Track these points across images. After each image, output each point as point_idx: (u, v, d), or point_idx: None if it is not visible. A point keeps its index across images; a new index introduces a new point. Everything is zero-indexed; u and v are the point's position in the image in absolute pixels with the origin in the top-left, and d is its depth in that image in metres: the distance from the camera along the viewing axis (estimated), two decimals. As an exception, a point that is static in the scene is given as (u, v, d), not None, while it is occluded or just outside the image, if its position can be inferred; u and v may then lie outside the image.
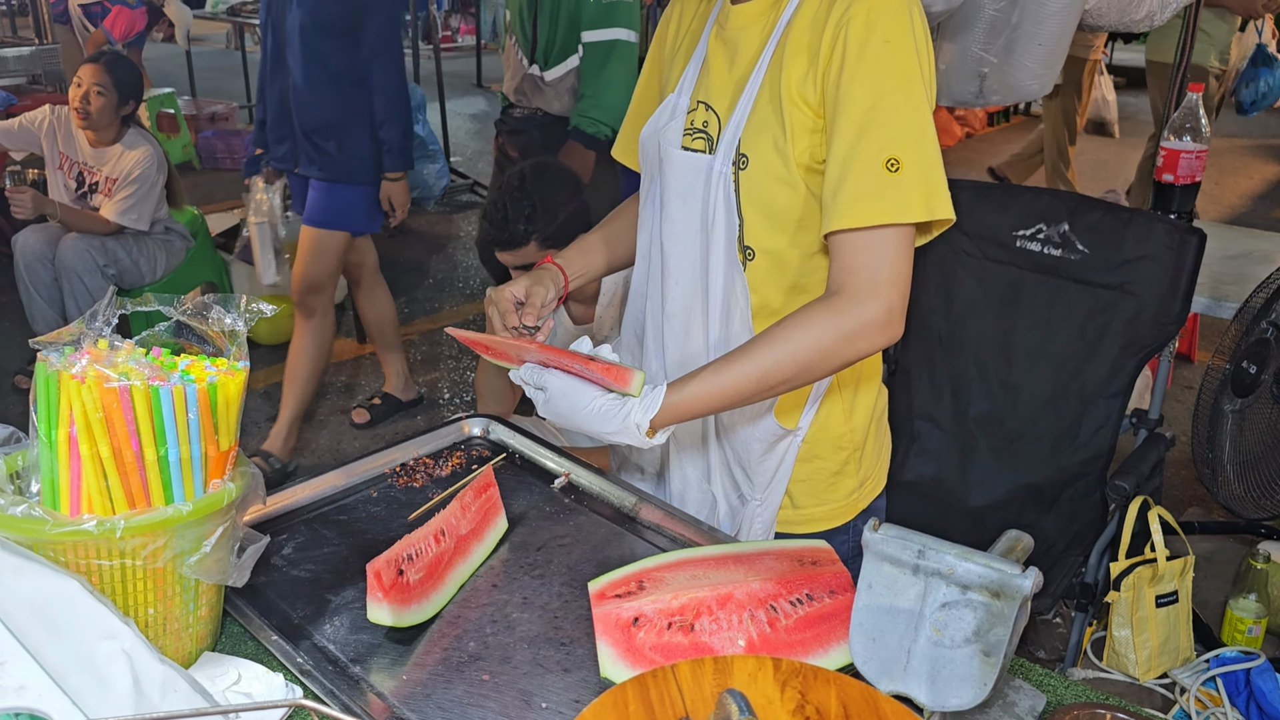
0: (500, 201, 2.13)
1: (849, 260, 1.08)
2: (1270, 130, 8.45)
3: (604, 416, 1.10)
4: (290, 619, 1.15)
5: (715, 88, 1.23)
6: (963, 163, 7.44)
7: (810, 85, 1.12)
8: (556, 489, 1.44)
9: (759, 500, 1.32)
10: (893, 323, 1.08)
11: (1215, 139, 8.16)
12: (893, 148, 1.06)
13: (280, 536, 1.31)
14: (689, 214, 1.25)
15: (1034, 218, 2.39)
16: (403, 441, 1.54)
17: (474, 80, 10.37)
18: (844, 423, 1.31)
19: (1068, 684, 1.08)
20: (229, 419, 1.04)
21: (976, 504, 2.43)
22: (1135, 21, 2.25)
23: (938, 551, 0.83)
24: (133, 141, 3.74)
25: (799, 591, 1.06)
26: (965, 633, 0.81)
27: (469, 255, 5.53)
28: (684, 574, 1.10)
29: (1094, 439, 2.33)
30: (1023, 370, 2.42)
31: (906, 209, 1.06)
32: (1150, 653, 2.02)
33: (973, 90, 2.25)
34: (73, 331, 1.04)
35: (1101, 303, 2.31)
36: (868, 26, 1.07)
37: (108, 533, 0.94)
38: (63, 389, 0.98)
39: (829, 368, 1.11)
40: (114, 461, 0.97)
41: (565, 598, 1.19)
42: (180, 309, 1.08)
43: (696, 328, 1.28)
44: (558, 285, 1.38)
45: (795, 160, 1.14)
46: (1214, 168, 7.20)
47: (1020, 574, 0.80)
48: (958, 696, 0.82)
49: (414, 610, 1.13)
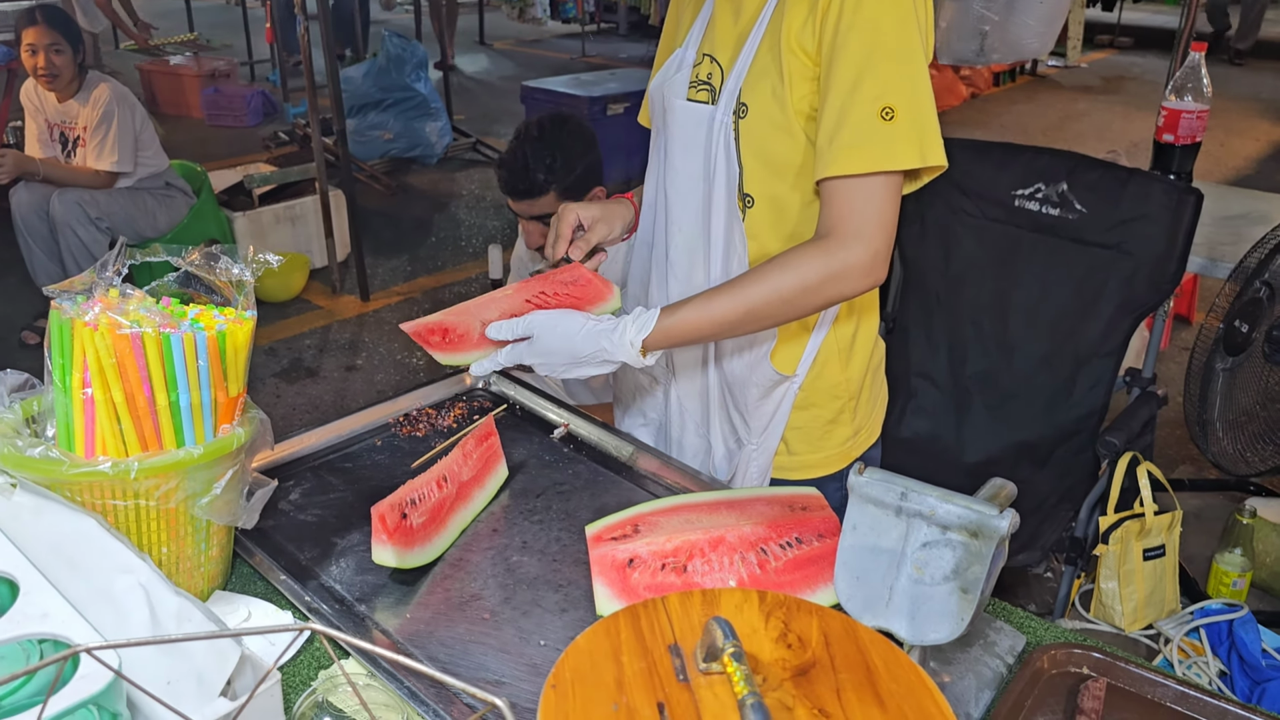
0: (520, 150, 2.14)
1: (840, 205, 1.11)
2: (1278, 92, 8.39)
3: (600, 334, 1.13)
4: (298, 560, 1.19)
5: (720, 40, 1.25)
6: (968, 122, 7.41)
7: (809, 33, 1.14)
8: (556, 439, 1.47)
9: (755, 445, 1.36)
10: (877, 266, 1.11)
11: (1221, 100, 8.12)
12: (887, 96, 1.08)
13: (287, 483, 1.34)
14: (692, 164, 1.27)
15: (1033, 177, 2.40)
16: (406, 392, 1.57)
17: (477, 38, 10.31)
18: (840, 372, 1.34)
19: (1047, 626, 1.12)
20: (238, 366, 1.07)
21: (971, 460, 2.47)
22: (1137, -20, 2.24)
23: (920, 494, 0.86)
24: (92, 84, 3.72)
25: (788, 535, 1.09)
26: (944, 571, 0.85)
27: (471, 213, 5.54)
28: (678, 518, 1.14)
29: (1088, 397, 2.36)
30: (1019, 329, 2.44)
31: (900, 156, 1.09)
32: (1136, 604, 2.06)
33: (974, 48, 2.25)
34: (84, 281, 1.07)
35: (1098, 262, 2.33)
36: None
37: (122, 474, 0.98)
38: (76, 336, 1.01)
39: (813, 305, 1.14)
40: (127, 406, 1.01)
41: (563, 542, 1.23)
42: (189, 260, 1.11)
43: (698, 273, 1.31)
44: (626, 223, 1.41)
45: (794, 108, 1.17)
46: (1219, 129, 7.17)
47: (997, 515, 0.84)
48: (936, 631, 0.86)
49: (417, 552, 1.17)
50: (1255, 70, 9.02)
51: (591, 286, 1.20)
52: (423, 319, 1.22)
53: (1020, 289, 2.43)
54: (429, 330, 1.21)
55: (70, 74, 3.63)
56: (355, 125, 5.97)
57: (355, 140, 5.87)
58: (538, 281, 1.20)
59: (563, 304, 1.17)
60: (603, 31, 10.80)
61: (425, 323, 1.22)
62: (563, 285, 1.20)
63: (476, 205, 5.66)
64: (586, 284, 1.20)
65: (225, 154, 6.08)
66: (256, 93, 7.17)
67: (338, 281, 4.46)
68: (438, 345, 1.21)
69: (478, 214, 5.53)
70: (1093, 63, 9.54)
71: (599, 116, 5.17)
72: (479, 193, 5.82)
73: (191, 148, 5.99)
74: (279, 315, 4.22)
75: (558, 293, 1.19)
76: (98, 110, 3.66)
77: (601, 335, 1.13)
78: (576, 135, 2.19)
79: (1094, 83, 8.82)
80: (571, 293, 1.19)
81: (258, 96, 7.12)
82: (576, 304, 1.18)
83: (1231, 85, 8.53)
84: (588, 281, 1.21)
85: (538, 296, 1.19)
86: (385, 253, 4.94)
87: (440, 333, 1.22)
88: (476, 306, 1.21)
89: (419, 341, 1.21)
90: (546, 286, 1.20)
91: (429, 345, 1.21)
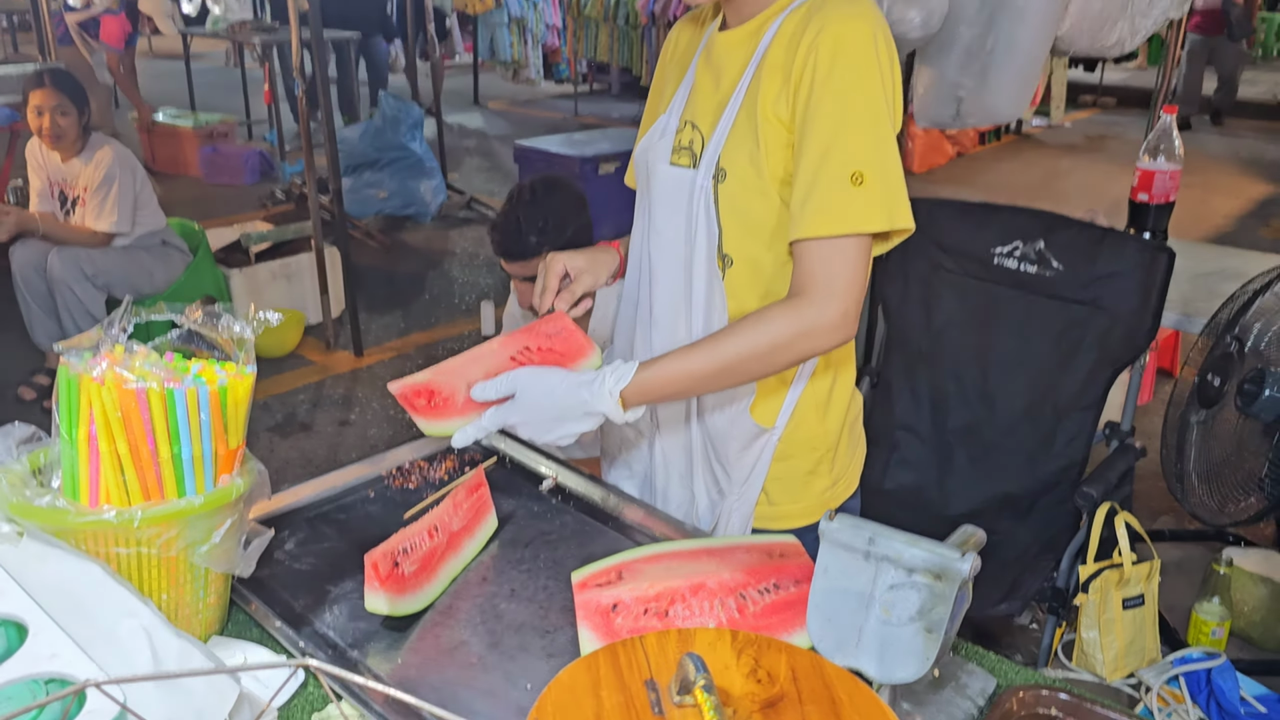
0: (513, 213, 2.21)
1: (811, 265, 1.17)
2: (1257, 151, 8.57)
3: (580, 385, 1.17)
4: (293, 608, 1.23)
5: (701, 108, 1.32)
6: (954, 181, 7.55)
7: (783, 103, 1.21)
8: (544, 490, 1.51)
9: (737, 496, 1.40)
10: (847, 323, 1.16)
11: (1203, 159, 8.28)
12: (856, 163, 1.14)
13: (283, 533, 1.38)
14: (674, 225, 1.33)
15: (1011, 235, 2.48)
16: (399, 445, 1.62)
17: (471, 98, 10.50)
18: (818, 424, 1.39)
19: (1018, 670, 1.16)
20: (238, 419, 1.12)
21: (955, 512, 2.51)
22: (1106, 47, 2.35)
23: (886, 539, 0.91)
24: (95, 146, 3.81)
25: (767, 581, 1.13)
26: (910, 611, 0.89)
27: (465, 270, 5.62)
28: (660, 566, 1.18)
29: (1068, 449, 2.41)
30: (1000, 383, 2.50)
31: (869, 219, 1.15)
32: (1117, 653, 2.09)
33: (950, 113, 2.33)
34: (92, 338, 1.12)
35: (1075, 318, 2.40)
36: (835, 51, 1.16)
37: (126, 522, 1.02)
38: (83, 390, 1.05)
39: (786, 361, 1.19)
40: (131, 458, 1.05)
41: (550, 590, 1.27)
42: (191, 318, 1.16)
43: (680, 329, 1.36)
44: (611, 270, 1.46)
45: (769, 173, 1.23)
46: (1200, 187, 7.32)
47: (959, 558, 0.88)
48: (903, 670, 0.90)
49: (408, 599, 1.20)
50: (1235, 131, 9.22)
51: (573, 341, 1.25)
52: (409, 379, 1.25)
53: (1000, 344, 2.49)
54: (415, 393, 1.24)
55: (74, 135, 3.72)
56: (351, 184, 6.08)
57: (351, 198, 5.97)
58: (522, 335, 1.26)
59: (546, 361, 1.22)
60: (595, 92, 11.00)
61: (412, 384, 1.24)
62: (545, 338, 1.25)
63: (470, 262, 5.74)
64: (569, 337, 1.26)
65: (223, 212, 6.17)
66: (254, 152, 7.29)
67: (332, 337, 4.52)
68: (423, 410, 1.24)
69: (471, 271, 5.60)
70: (1076, 122, 9.74)
71: (590, 175, 5.27)
72: (472, 250, 5.91)
73: (190, 206, 6.09)
74: (274, 370, 4.27)
75: (541, 347, 1.24)
76: (100, 171, 3.74)
77: (582, 387, 1.18)
78: (568, 198, 2.26)
79: (1077, 141, 9.00)
80: (554, 347, 1.25)
81: (255, 156, 7.24)
82: (559, 361, 1.23)
83: (1212, 145, 8.72)
84: (570, 334, 1.26)
85: (522, 353, 1.24)
86: (379, 309, 5.00)
87: (426, 395, 1.24)
88: (462, 365, 1.25)
89: (405, 405, 1.24)
90: (530, 340, 1.25)
91: (415, 410, 1.24)
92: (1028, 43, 2.19)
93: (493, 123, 9.70)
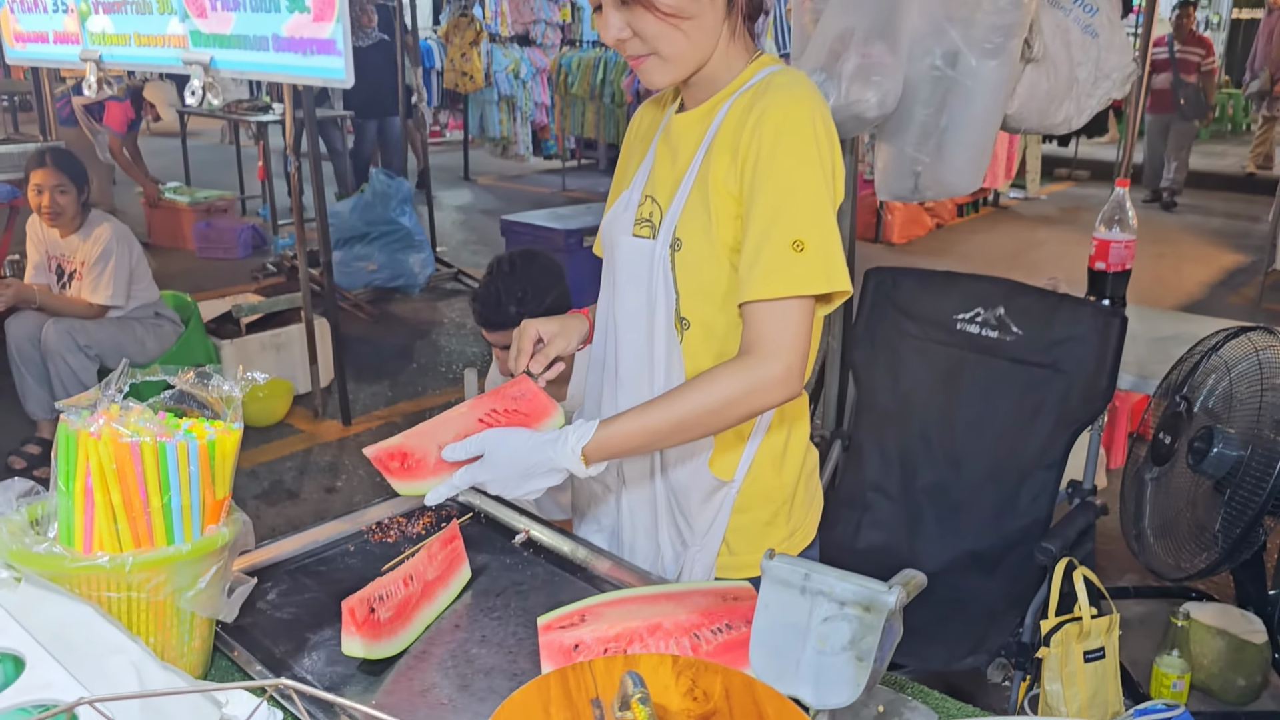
0: (493, 285, 2.31)
1: (758, 326, 1.26)
2: (1228, 221, 8.79)
3: (545, 444, 1.26)
4: (273, 653, 1.29)
5: (659, 183, 1.43)
6: (933, 251, 7.72)
7: (732, 178, 1.32)
8: (517, 544, 1.59)
9: (699, 546, 1.48)
10: (791, 379, 1.25)
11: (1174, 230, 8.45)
12: (798, 231, 1.25)
13: (265, 584, 1.45)
14: (637, 292, 1.43)
15: (972, 302, 2.59)
16: (379, 502, 1.69)
17: (461, 174, 10.72)
18: (774, 477, 1.47)
19: (959, 706, 1.22)
20: (225, 472, 1.20)
21: (925, 569, 2.51)
22: (1054, 125, 2.48)
23: (821, 574, 0.98)
24: (94, 223, 3.94)
25: (720, 621, 1.21)
26: (843, 641, 0.97)
27: (452, 340, 5.72)
28: (621, 609, 1.25)
29: (1032, 507, 2.49)
30: (965, 444, 2.58)
31: (809, 283, 1.25)
32: (1080, 706, 2.15)
33: (909, 186, 2.46)
34: (90, 397, 1.20)
35: (1035, 380, 2.49)
36: (777, 131, 1.27)
37: (118, 567, 1.09)
38: (81, 445, 1.13)
39: (737, 416, 1.28)
40: (124, 507, 1.13)
41: (519, 636, 1.34)
42: (184, 379, 1.25)
43: (644, 389, 1.45)
44: (581, 335, 1.56)
45: (721, 242, 1.33)
46: (1174, 257, 7.51)
47: (886, 590, 0.96)
48: (837, 696, 0.97)
49: (384, 644, 1.27)
50: (1208, 202, 9.45)
51: (537, 402, 1.34)
52: (384, 443, 1.33)
53: (965, 406, 2.58)
54: (389, 456, 1.32)
55: (73, 212, 3.85)
56: (341, 256, 6.21)
57: (341, 271, 6.10)
58: (489, 398, 1.35)
59: (512, 422, 1.31)
60: (583, 166, 11.25)
61: (386, 447, 1.32)
62: (511, 401, 1.34)
63: (457, 332, 5.84)
64: (533, 399, 1.35)
65: (216, 285, 6.28)
66: (247, 227, 7.44)
67: (320, 406, 4.59)
68: (397, 472, 1.31)
69: (458, 340, 5.71)
70: (1051, 194, 9.98)
71: (575, 248, 5.41)
72: (459, 320, 6.02)
73: (183, 279, 6.20)
74: (262, 439, 4.33)
75: (507, 409, 1.34)
76: (98, 247, 3.86)
77: (547, 445, 1.26)
78: (546, 269, 2.37)
79: (1052, 213, 9.23)
80: (520, 409, 1.34)
81: (248, 230, 7.39)
82: (524, 421, 1.32)
83: (1185, 214, 8.94)
84: (534, 396, 1.35)
85: (489, 415, 1.33)
86: (367, 378, 5.09)
87: (400, 457, 1.32)
88: (433, 428, 1.33)
89: (380, 468, 1.31)
90: (497, 403, 1.34)
91: (389, 473, 1.31)
92: (978, 121, 2.32)
93: (482, 197, 9.90)
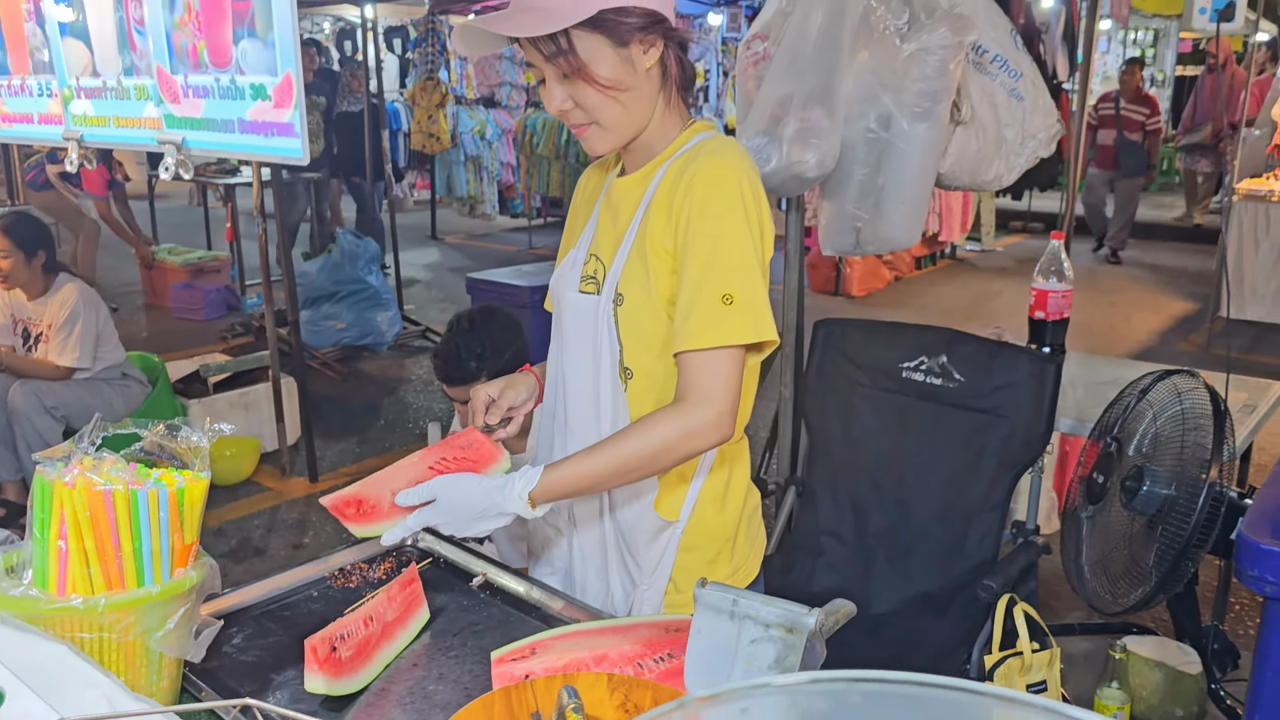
0: (453, 342, 2.40)
1: (691, 374, 1.36)
2: (1177, 271, 9.05)
3: (493, 489, 1.35)
4: (238, 693, 1.35)
5: (602, 242, 1.53)
6: (891, 304, 7.89)
7: (668, 236, 1.42)
8: (474, 586, 1.66)
9: (647, 585, 1.56)
10: (723, 423, 1.35)
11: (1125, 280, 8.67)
12: (727, 286, 1.35)
13: (231, 629, 1.51)
14: (583, 345, 1.53)
15: (916, 351, 2.70)
16: (341, 549, 1.76)
17: (429, 233, 10.84)
18: (717, 516, 1.56)
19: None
20: (193, 518, 1.27)
21: (877, 611, 2.65)
22: (986, 182, 2.62)
23: (748, 600, 1.07)
24: (60, 285, 4.00)
25: (662, 651, 1.28)
26: (768, 661, 1.05)
27: (419, 396, 5.78)
28: (570, 642, 1.33)
29: (978, 548, 2.58)
30: (914, 488, 2.68)
31: (738, 334, 1.35)
32: (1024, 738, 2.22)
33: (851, 241, 2.58)
34: (64, 450, 1.28)
35: (978, 425, 2.60)
36: (707, 193, 1.38)
37: (91, 609, 1.16)
38: (55, 494, 1.21)
39: (674, 458, 1.37)
40: (96, 552, 1.20)
41: (475, 674, 1.41)
42: (154, 432, 1.32)
43: (591, 436, 1.53)
44: (531, 390, 1.66)
45: (658, 296, 1.43)
46: (1126, 305, 7.72)
47: (806, 613, 1.04)
48: (763, 712, 1.05)
49: (345, 681, 1.34)
50: (1156, 252, 9.73)
51: (484, 450, 1.43)
52: (340, 492, 1.40)
53: (913, 452, 2.68)
54: (345, 503, 1.40)
55: (27, 277, 3.90)
56: (310, 316, 6.28)
57: (309, 330, 6.16)
58: (439, 448, 1.44)
59: (461, 468, 1.40)
60: (549, 224, 11.40)
61: (342, 496, 1.40)
62: (460, 449, 1.43)
63: (424, 389, 5.90)
64: (480, 447, 1.44)
65: (185, 345, 6.32)
66: (218, 288, 7.49)
67: (287, 464, 4.63)
68: (353, 518, 1.39)
69: (425, 397, 5.77)
70: (1007, 247, 10.24)
71: (539, 304, 5.45)
72: (426, 377, 6.09)
73: (152, 340, 6.25)
74: (229, 498, 4.36)
75: (456, 457, 1.42)
76: (64, 310, 3.91)
77: (495, 490, 1.34)
78: (504, 326, 2.46)
79: (1008, 265, 9.46)
80: (468, 456, 1.43)
81: (217, 291, 7.44)
82: (473, 467, 1.41)
83: (1135, 265, 9.20)
84: (481, 445, 1.44)
85: (439, 462, 1.41)
86: (335, 435, 5.13)
87: (355, 505, 1.40)
88: (387, 476, 1.41)
89: (336, 515, 1.39)
90: (446, 452, 1.43)
91: (345, 519, 1.39)
92: (913, 180, 2.45)
93: (449, 256, 10.01)
